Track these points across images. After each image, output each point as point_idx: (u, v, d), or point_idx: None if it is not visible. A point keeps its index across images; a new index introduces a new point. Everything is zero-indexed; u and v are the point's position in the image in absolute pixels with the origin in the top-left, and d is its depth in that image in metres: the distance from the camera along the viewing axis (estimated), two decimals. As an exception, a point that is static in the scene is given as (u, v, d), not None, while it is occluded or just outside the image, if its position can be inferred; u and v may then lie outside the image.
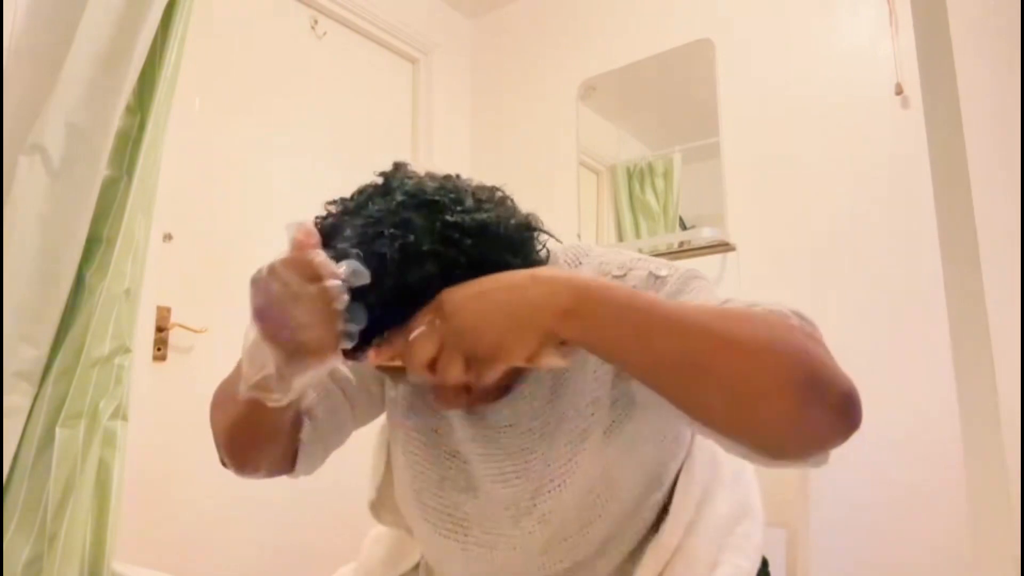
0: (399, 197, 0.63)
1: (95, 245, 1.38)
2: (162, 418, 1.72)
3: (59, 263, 1.31)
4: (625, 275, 0.73)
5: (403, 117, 2.60)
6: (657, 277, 0.72)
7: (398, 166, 0.71)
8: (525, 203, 0.71)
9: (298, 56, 2.22)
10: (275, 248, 0.69)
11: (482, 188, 0.69)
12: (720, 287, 2.08)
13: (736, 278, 2.07)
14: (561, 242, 0.77)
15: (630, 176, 2.38)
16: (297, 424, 0.80)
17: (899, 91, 1.87)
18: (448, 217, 0.62)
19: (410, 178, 0.68)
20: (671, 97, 2.40)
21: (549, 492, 0.74)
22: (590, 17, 2.54)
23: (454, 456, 0.80)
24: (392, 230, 0.60)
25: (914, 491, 1.72)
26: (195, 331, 1.79)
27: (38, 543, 1.25)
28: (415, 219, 0.61)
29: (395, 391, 0.84)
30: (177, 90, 1.52)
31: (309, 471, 0.83)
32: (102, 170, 1.37)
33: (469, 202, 0.64)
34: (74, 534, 1.27)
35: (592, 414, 0.73)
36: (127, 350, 1.39)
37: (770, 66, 2.12)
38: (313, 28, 2.29)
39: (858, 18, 1.99)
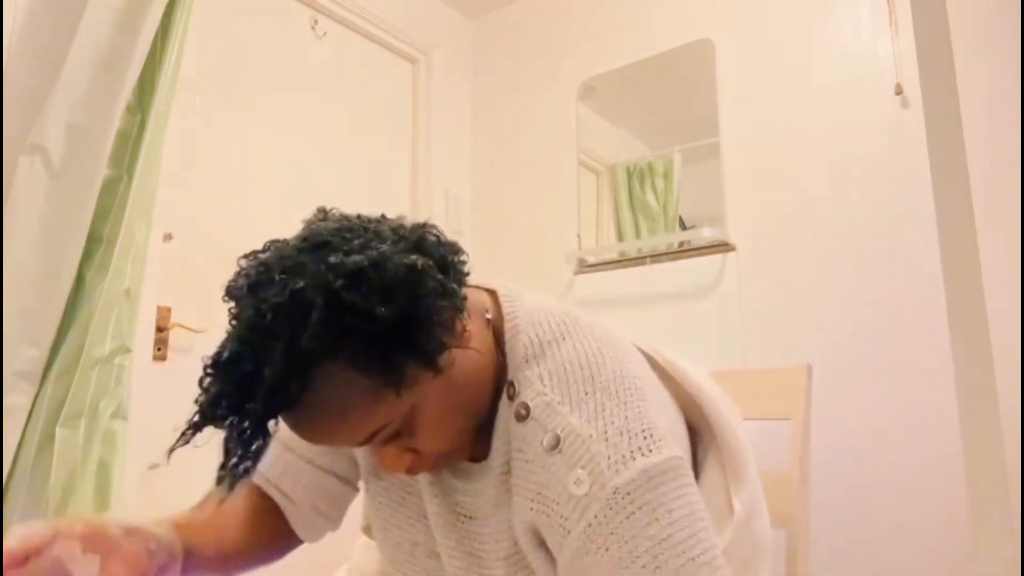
0: (294, 241, 0.62)
1: (95, 245, 1.38)
2: (162, 418, 1.72)
3: (59, 263, 1.32)
4: (558, 452, 0.63)
5: (403, 117, 2.59)
6: (572, 496, 0.61)
7: (322, 212, 0.68)
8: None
9: (298, 56, 2.22)
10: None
11: (400, 228, 0.64)
12: (720, 287, 2.08)
13: (736, 278, 2.07)
14: (462, 293, 0.65)
15: (630, 176, 2.38)
16: (275, 528, 0.83)
17: (899, 91, 1.87)
18: (331, 258, 0.58)
19: (328, 220, 0.65)
20: (671, 97, 2.40)
21: None
22: (590, 17, 2.54)
23: (423, 518, 0.77)
24: (281, 275, 0.58)
25: (914, 491, 1.72)
26: (195, 331, 1.79)
27: (38, 543, 1.25)
28: (308, 263, 0.58)
29: (362, 455, 0.82)
30: (177, 90, 1.53)
31: (324, 534, 0.87)
32: (102, 170, 1.37)
33: (357, 242, 0.60)
34: (74, 534, 1.27)
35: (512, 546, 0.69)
36: (127, 350, 1.39)
37: (770, 66, 2.12)
38: (313, 28, 2.29)
39: (858, 18, 1.99)
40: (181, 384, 1.95)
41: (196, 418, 0.59)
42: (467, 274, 0.68)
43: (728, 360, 1.99)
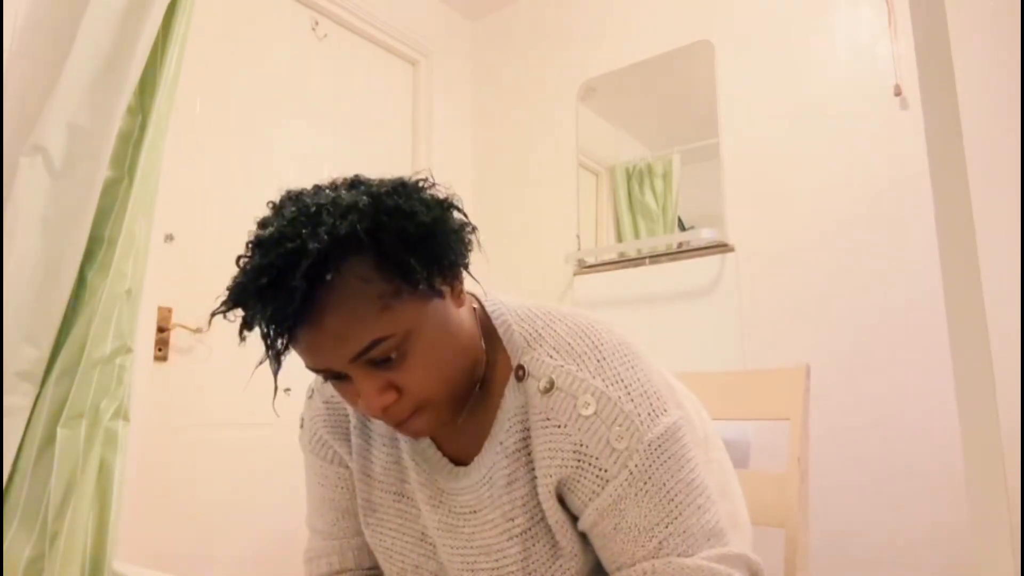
0: (336, 184, 0.71)
1: (96, 245, 1.38)
2: (163, 418, 1.72)
3: (60, 263, 1.32)
4: (594, 414, 0.70)
5: (404, 119, 2.60)
6: (615, 450, 0.68)
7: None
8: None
9: (299, 58, 2.23)
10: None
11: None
12: (719, 288, 2.09)
13: (735, 279, 2.07)
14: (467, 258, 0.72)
15: (629, 177, 2.38)
16: None
17: (898, 92, 1.87)
18: (371, 182, 0.69)
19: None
20: (671, 98, 2.41)
21: None
22: (590, 18, 2.54)
23: (423, 539, 0.81)
24: (327, 191, 0.69)
25: (913, 491, 1.72)
26: (196, 331, 1.79)
27: (39, 543, 1.25)
28: (345, 193, 0.67)
29: (362, 493, 0.85)
30: (178, 91, 1.53)
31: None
32: (103, 171, 1.37)
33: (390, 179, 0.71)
34: (75, 534, 1.27)
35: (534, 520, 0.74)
36: (128, 350, 1.39)
37: (770, 66, 2.12)
38: (314, 30, 2.29)
39: (858, 19, 2.00)
40: (182, 384, 1.97)
41: (236, 291, 0.63)
42: (471, 249, 0.73)
43: (727, 360, 2.00)
